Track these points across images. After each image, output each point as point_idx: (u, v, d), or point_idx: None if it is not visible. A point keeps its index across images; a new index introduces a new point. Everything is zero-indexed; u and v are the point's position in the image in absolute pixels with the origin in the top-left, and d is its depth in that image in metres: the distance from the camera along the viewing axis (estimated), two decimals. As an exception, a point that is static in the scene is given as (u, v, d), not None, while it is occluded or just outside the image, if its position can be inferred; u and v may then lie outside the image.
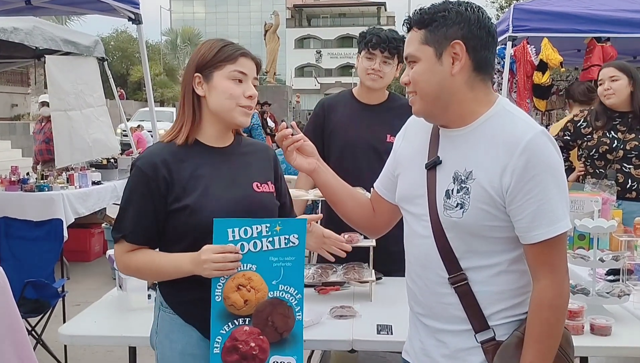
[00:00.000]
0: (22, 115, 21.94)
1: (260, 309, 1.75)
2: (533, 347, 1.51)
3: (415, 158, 1.66)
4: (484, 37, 1.53)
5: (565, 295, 1.54)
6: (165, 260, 1.83)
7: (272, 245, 1.76)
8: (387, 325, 2.25)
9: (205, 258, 1.71)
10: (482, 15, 1.54)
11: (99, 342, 2.35)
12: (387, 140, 2.89)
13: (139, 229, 1.83)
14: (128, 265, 1.87)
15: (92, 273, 6.25)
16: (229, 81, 1.84)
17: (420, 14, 1.57)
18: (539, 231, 1.48)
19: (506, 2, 17.28)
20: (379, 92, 2.99)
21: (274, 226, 1.75)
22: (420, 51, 1.55)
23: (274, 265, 1.76)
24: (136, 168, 1.85)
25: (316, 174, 1.85)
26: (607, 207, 3.05)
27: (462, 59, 1.52)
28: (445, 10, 1.53)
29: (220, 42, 1.89)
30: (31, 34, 6.45)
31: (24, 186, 5.79)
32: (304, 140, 1.83)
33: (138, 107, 30.53)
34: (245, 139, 2.04)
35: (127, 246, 1.85)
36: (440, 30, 1.52)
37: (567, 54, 5.98)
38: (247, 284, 1.74)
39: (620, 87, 3.55)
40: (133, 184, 1.85)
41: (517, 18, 5.33)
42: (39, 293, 3.78)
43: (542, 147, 1.48)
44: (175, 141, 1.87)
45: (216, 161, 1.89)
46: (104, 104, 7.43)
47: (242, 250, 1.74)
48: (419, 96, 1.58)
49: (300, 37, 61.54)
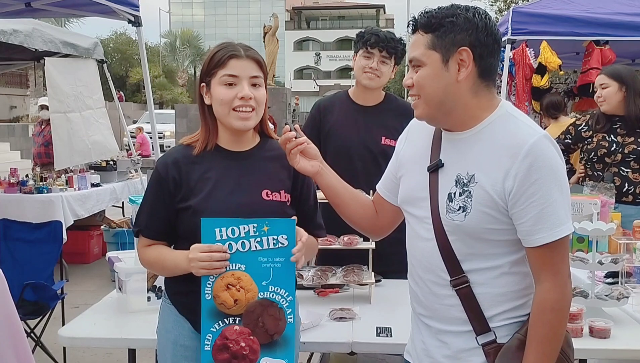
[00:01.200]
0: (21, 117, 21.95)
1: (251, 309, 1.75)
2: (535, 349, 1.51)
3: (418, 160, 1.67)
4: (490, 44, 1.53)
5: (568, 297, 1.55)
6: (168, 257, 1.89)
7: (261, 245, 1.75)
8: (387, 328, 2.26)
9: (192, 257, 1.74)
10: (489, 21, 1.54)
11: (98, 344, 2.35)
12: (382, 142, 2.90)
13: (151, 224, 1.92)
14: (143, 259, 1.96)
15: (92, 275, 6.25)
16: (221, 87, 1.84)
17: (427, 18, 1.55)
18: (541, 234, 1.48)
19: (505, 5, 17.30)
20: (375, 93, 2.98)
21: (262, 226, 1.74)
22: (426, 56, 1.54)
23: (263, 265, 1.76)
24: (155, 167, 1.95)
25: (319, 176, 1.85)
26: (606, 210, 3.05)
27: (468, 66, 1.52)
28: (453, 15, 1.52)
29: (217, 46, 1.88)
30: (30, 36, 6.44)
31: (23, 188, 5.79)
32: (307, 143, 1.83)
33: (137, 109, 30.55)
34: (271, 143, 1.99)
35: (145, 241, 1.94)
36: (448, 36, 1.52)
37: (565, 57, 5.99)
38: (236, 283, 1.75)
39: (610, 93, 3.59)
40: (150, 183, 1.95)
41: (516, 21, 5.33)
42: (38, 295, 3.78)
43: (545, 151, 1.48)
44: (193, 146, 1.92)
45: (228, 165, 1.90)
46: (103, 106, 7.43)
47: (230, 249, 1.74)
48: (423, 101, 1.58)
49: (299, 39, 61.55)
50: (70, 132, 6.59)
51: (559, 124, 5.08)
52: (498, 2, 18.19)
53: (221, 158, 1.90)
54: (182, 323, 1.93)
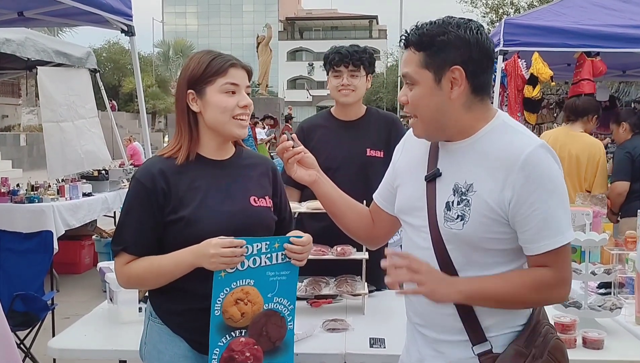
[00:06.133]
0: (12, 126, 21.87)
1: (256, 320, 1.80)
2: (490, 286, 1.52)
3: (414, 170, 1.67)
4: (483, 61, 1.53)
5: (558, 291, 1.54)
6: (165, 259, 1.81)
7: (270, 260, 1.80)
8: (380, 339, 2.25)
9: (215, 252, 1.71)
10: (482, 36, 1.52)
11: (89, 355, 2.32)
12: (368, 154, 2.92)
13: (140, 240, 1.83)
14: (129, 275, 1.84)
15: (82, 286, 6.20)
16: (221, 95, 1.83)
17: (419, 35, 1.54)
18: (544, 242, 1.49)
19: (497, 17, 17.43)
20: (355, 107, 2.99)
21: (273, 244, 1.80)
22: (418, 75, 1.55)
23: (271, 279, 1.81)
24: (135, 180, 1.86)
25: (317, 185, 1.86)
26: (598, 220, 3.07)
27: (461, 84, 1.52)
28: (444, 33, 1.50)
29: (208, 55, 1.87)
30: (23, 45, 6.43)
31: (14, 197, 5.75)
32: (304, 152, 1.84)
33: (130, 118, 30.49)
34: (247, 152, 2.03)
35: (127, 258, 1.83)
36: (440, 55, 1.51)
37: (557, 68, 6.03)
38: (244, 298, 1.77)
39: None
40: (132, 196, 1.85)
41: (508, 32, 5.36)
42: (28, 306, 3.74)
43: (541, 160, 1.49)
44: (174, 158, 1.87)
45: (214, 174, 1.89)
46: (95, 115, 7.42)
47: (242, 266, 1.76)
48: (420, 120, 1.59)
49: (293, 49, 61.75)
50: (63, 142, 6.57)
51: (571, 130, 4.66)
52: (490, 13, 18.33)
53: (206, 166, 1.89)
54: (178, 343, 1.88)
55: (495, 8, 18.11)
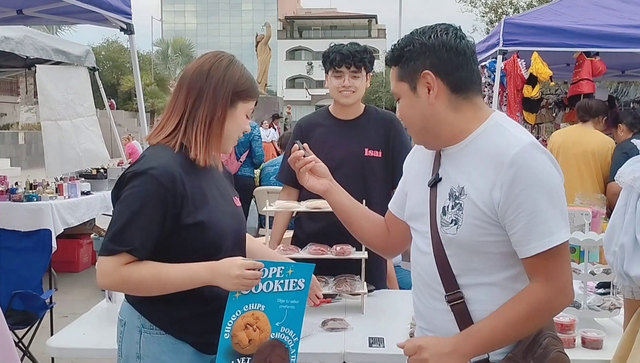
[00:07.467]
0: (11, 124, 21.85)
1: (262, 349, 1.79)
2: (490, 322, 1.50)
3: (421, 176, 1.69)
4: (453, 58, 1.54)
5: (552, 304, 1.51)
6: (177, 271, 1.71)
7: (282, 287, 1.78)
8: (379, 338, 2.25)
9: (239, 273, 1.69)
10: (447, 37, 1.54)
11: (88, 354, 2.32)
12: (365, 154, 2.91)
13: (148, 243, 1.69)
14: (128, 277, 1.69)
15: (81, 284, 6.20)
16: (243, 115, 1.87)
17: (392, 51, 1.62)
18: (532, 244, 1.47)
19: (496, 16, 17.42)
20: (354, 107, 2.99)
21: (287, 269, 1.78)
22: (398, 88, 1.61)
23: (280, 306, 1.79)
24: (151, 177, 1.68)
25: (329, 194, 1.86)
26: (597, 220, 3.07)
27: (434, 87, 1.54)
28: (410, 43, 1.57)
29: (249, 73, 1.90)
30: (22, 43, 6.42)
31: (12, 195, 5.74)
32: (316, 161, 1.85)
33: (128, 117, 30.48)
34: None
35: (128, 259, 1.69)
36: (409, 65, 1.56)
37: (556, 68, 6.04)
38: (254, 323, 1.76)
39: None
40: (146, 194, 1.68)
41: (508, 32, 5.37)
42: (26, 305, 3.74)
43: (529, 160, 1.46)
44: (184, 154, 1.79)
45: (210, 176, 1.89)
46: (94, 114, 7.41)
47: (256, 289, 1.75)
48: (412, 131, 1.64)
49: (292, 48, 61.72)
50: (61, 140, 6.56)
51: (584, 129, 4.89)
52: (489, 13, 18.33)
53: (201, 169, 1.83)
54: (183, 349, 1.80)
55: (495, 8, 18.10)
